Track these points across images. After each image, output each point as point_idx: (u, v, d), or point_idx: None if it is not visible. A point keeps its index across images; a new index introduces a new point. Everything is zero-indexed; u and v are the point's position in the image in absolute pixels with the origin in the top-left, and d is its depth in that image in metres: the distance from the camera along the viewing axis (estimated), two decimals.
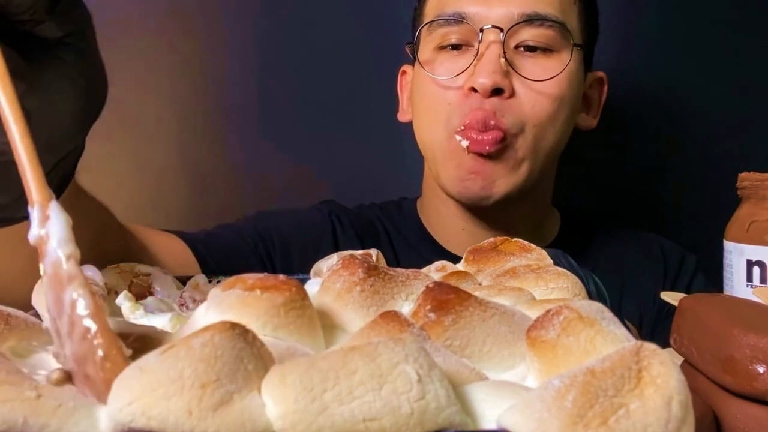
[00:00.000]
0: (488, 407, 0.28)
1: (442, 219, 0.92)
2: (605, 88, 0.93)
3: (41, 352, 0.40)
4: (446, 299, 0.36)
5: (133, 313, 0.52)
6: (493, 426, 0.27)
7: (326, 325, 0.38)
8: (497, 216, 0.87)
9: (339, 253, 0.59)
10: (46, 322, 0.45)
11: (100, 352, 0.30)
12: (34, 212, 0.34)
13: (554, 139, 0.83)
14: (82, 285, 0.32)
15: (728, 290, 0.65)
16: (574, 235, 0.94)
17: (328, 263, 0.57)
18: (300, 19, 1.16)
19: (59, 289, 0.32)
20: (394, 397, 0.26)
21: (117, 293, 0.58)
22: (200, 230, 0.86)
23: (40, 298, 0.53)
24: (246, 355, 0.28)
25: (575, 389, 0.26)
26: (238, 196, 1.18)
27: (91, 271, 0.57)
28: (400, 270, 0.42)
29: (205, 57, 1.18)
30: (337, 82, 1.17)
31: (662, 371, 0.27)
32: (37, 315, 0.51)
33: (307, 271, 0.59)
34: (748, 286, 0.62)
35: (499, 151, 0.80)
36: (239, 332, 0.29)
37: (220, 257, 0.80)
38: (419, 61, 0.85)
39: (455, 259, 0.59)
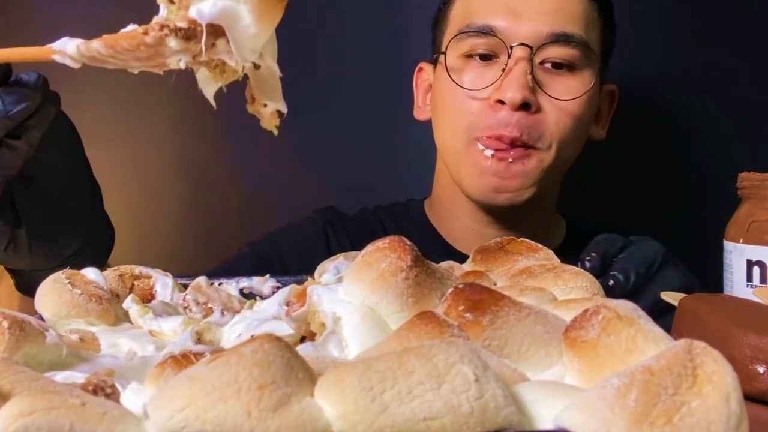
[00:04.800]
0: (541, 408, 0.28)
1: (452, 218, 0.93)
2: (616, 100, 0.94)
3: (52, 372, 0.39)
4: (480, 299, 0.36)
5: (142, 316, 0.51)
6: (549, 426, 0.27)
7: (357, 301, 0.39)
8: (507, 218, 0.89)
9: (345, 253, 0.59)
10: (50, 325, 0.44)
11: None
12: (57, 58, 0.45)
13: (573, 154, 0.87)
14: None
15: (728, 290, 0.65)
16: (579, 240, 0.94)
17: (335, 263, 0.57)
18: (302, 19, 1.14)
19: None
20: (453, 396, 0.26)
21: (119, 297, 0.56)
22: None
23: (43, 302, 0.51)
24: (295, 363, 0.28)
25: (636, 388, 0.26)
26: (237, 197, 1.17)
27: (94, 275, 0.56)
28: (436, 266, 0.42)
29: None
30: (341, 81, 1.15)
31: (716, 369, 0.27)
32: (41, 318, 0.50)
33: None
34: (748, 286, 0.62)
35: (524, 158, 0.82)
36: (284, 344, 0.29)
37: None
38: (446, 68, 0.85)
39: (462, 258, 0.59)
